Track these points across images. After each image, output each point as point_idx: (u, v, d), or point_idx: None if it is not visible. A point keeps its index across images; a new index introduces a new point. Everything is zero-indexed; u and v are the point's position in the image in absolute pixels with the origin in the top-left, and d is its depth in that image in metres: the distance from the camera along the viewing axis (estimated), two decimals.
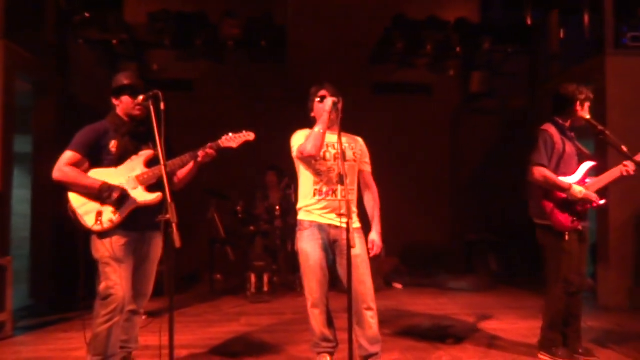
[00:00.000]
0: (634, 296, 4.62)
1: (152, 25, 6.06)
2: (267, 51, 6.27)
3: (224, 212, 5.67)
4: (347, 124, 2.86)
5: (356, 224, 2.89)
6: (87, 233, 2.73)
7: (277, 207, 5.20)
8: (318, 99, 2.97)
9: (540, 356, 3.08)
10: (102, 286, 2.58)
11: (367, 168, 3.03)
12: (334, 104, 2.79)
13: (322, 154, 2.81)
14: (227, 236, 5.63)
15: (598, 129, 2.94)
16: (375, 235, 2.95)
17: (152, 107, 2.56)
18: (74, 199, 2.61)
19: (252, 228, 5.10)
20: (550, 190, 2.97)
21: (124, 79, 2.84)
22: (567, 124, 3.09)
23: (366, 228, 2.93)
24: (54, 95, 5.47)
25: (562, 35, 6.13)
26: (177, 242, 2.22)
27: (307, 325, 3.95)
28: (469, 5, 6.75)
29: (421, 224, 6.58)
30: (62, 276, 5.31)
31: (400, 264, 6.03)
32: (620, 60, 4.78)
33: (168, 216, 2.29)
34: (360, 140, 3.05)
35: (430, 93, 6.81)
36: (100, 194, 2.55)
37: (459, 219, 6.78)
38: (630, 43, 4.95)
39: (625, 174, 2.95)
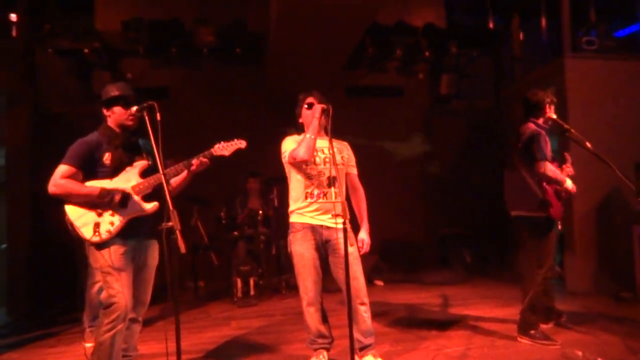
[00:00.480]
0: (598, 281, 4.98)
1: (125, 33, 6.03)
2: (243, 57, 6.35)
3: (207, 219, 5.71)
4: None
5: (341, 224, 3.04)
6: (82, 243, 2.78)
7: (260, 212, 5.28)
8: (306, 106, 3.11)
9: (520, 339, 3.32)
10: (103, 295, 2.62)
11: (354, 171, 3.19)
12: (324, 111, 2.94)
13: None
14: (210, 242, 5.67)
15: (564, 127, 3.21)
16: (364, 234, 3.12)
17: (147, 118, 2.65)
18: (71, 211, 2.63)
19: (236, 233, 5.16)
20: (550, 183, 3.26)
21: (115, 90, 2.87)
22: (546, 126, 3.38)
23: (354, 228, 3.07)
24: (26, 105, 5.36)
25: (521, 39, 6.49)
26: (183, 248, 2.30)
27: (298, 325, 4.08)
28: (436, 12, 7.04)
29: (397, 221, 6.79)
30: (38, 291, 5.22)
31: (379, 261, 6.22)
32: (578, 63, 5.13)
33: (171, 223, 2.37)
34: (347, 144, 3.21)
35: (401, 95, 7.05)
36: (101, 199, 2.59)
37: (433, 215, 7.05)
38: (586, 47, 5.32)
39: (570, 174, 3.52)
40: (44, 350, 3.79)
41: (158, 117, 2.58)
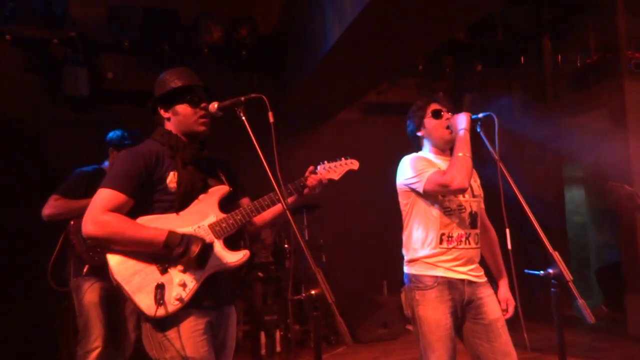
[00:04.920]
0: None
1: (108, 23, 4.89)
2: (251, 61, 5.41)
3: None
4: (337, 146, 2.23)
5: (484, 277, 2.26)
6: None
7: (286, 246, 4.30)
8: (431, 114, 2.34)
9: None
10: None
11: (483, 204, 2.42)
12: (476, 120, 2.16)
13: None
14: None
15: None
16: (507, 291, 2.34)
17: (244, 119, 1.76)
18: (118, 266, 1.61)
19: (260, 274, 4.13)
20: None
21: (176, 79, 1.94)
22: None
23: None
24: None
25: (554, 60, 6.14)
26: (348, 339, 1.39)
27: None
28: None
29: None
30: None
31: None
32: (635, 84, 4.77)
33: (315, 291, 1.49)
34: (474, 171, 2.44)
35: None
36: (169, 249, 1.60)
37: None
38: (635, 69, 4.99)
39: None
40: None
41: (270, 117, 1.68)
